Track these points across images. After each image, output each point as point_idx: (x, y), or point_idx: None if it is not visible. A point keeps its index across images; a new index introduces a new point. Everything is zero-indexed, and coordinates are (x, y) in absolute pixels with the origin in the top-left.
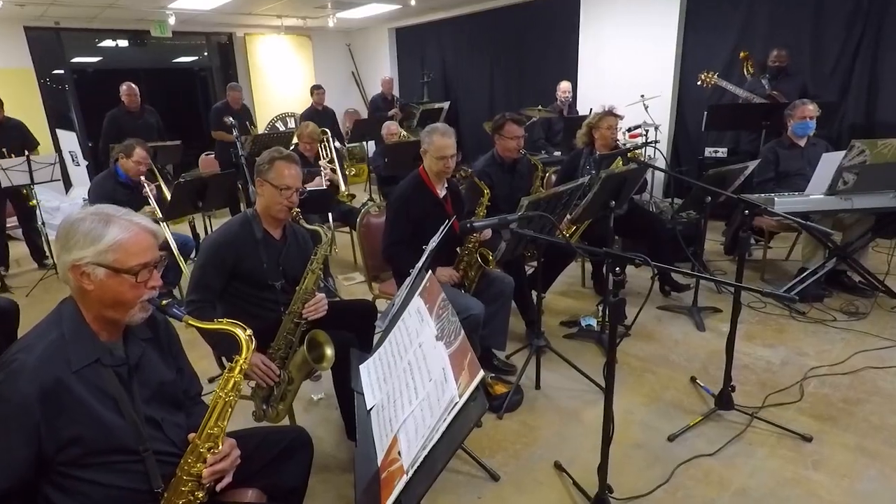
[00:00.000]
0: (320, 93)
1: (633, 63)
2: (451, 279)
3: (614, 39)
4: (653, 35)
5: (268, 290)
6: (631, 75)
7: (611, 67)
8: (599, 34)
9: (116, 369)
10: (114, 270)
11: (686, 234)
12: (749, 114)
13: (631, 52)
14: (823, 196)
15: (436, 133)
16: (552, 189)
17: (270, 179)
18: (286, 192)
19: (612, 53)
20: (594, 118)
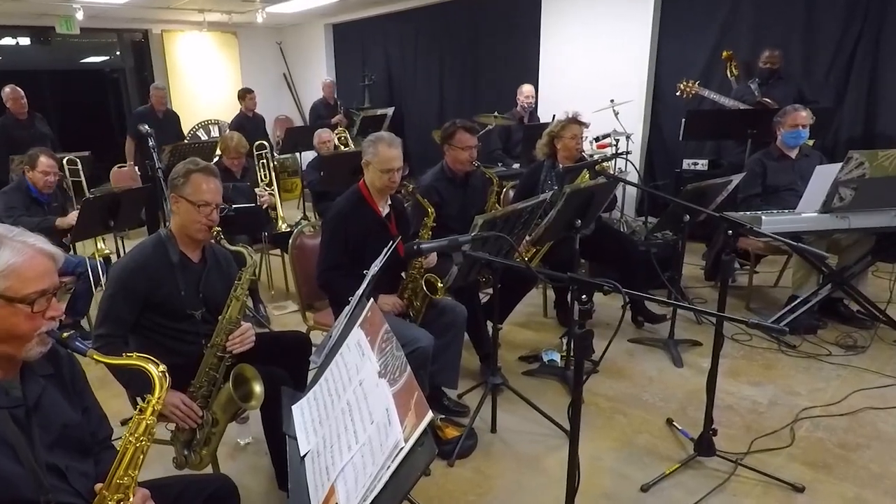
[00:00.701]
0: (251, 97)
1: (602, 64)
2: (395, 308)
3: (580, 37)
4: (623, 32)
5: (186, 321)
6: (599, 78)
7: (576, 69)
8: (563, 31)
9: (12, 411)
10: (6, 300)
11: (661, 257)
12: (733, 121)
13: (599, 52)
14: (817, 214)
15: (381, 143)
16: (510, 206)
17: (186, 195)
18: (205, 209)
19: (577, 53)
20: (556, 126)
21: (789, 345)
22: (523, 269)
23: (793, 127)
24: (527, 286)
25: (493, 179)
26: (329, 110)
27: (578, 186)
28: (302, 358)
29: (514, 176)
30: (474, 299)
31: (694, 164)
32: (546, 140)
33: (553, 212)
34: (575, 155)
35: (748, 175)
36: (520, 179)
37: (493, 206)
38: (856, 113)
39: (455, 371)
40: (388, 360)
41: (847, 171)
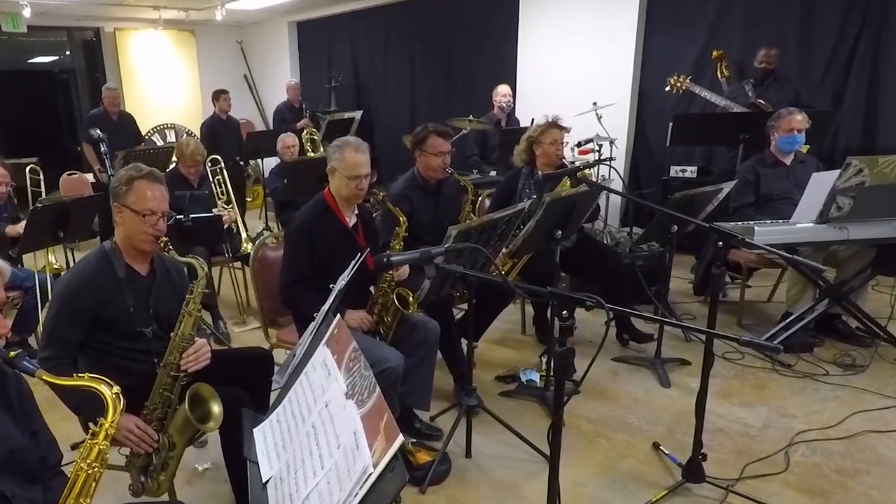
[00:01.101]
0: (226, 99)
1: (584, 64)
2: (363, 324)
3: (561, 36)
4: (607, 30)
5: (137, 339)
6: (581, 79)
7: (556, 70)
8: (543, 29)
9: None
10: None
11: (647, 270)
12: (723, 125)
13: (581, 51)
14: (813, 224)
15: (347, 148)
16: (486, 216)
17: (130, 204)
18: (150, 218)
19: (558, 52)
20: (535, 131)
21: (784, 364)
22: (500, 283)
23: (788, 131)
24: (504, 301)
25: (467, 187)
26: (294, 114)
27: (559, 195)
28: (264, 378)
29: (491, 184)
30: (448, 315)
31: (682, 172)
32: (524, 146)
33: (532, 222)
34: (555, 161)
35: (740, 183)
36: (496, 187)
37: (468, 215)
38: (855, 116)
39: (427, 392)
40: (355, 381)
41: (845, 179)
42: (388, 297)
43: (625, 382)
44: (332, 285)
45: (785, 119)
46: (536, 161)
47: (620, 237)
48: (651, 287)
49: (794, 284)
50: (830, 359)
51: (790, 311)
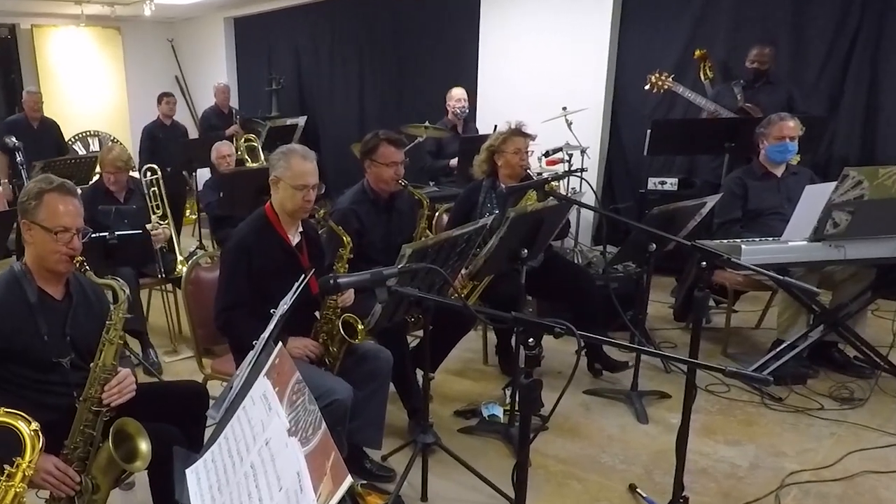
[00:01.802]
0: (170, 102)
1: (552, 65)
2: (308, 353)
3: (526, 33)
4: (578, 27)
5: (53, 370)
6: (549, 82)
7: (522, 71)
8: (506, 26)
9: None
10: None
11: (623, 293)
12: (707, 132)
13: (549, 51)
14: (806, 243)
15: (293, 155)
16: (443, 233)
17: (40, 220)
18: (63, 236)
19: (523, 52)
20: (496, 139)
21: (774, 397)
22: (459, 307)
23: (779, 139)
24: (463, 328)
25: (423, 201)
26: (223, 120)
27: (524, 210)
28: (197, 412)
29: (449, 197)
30: (401, 343)
31: (661, 184)
32: (485, 156)
33: (494, 240)
34: (519, 173)
35: (726, 196)
36: (455, 202)
37: (424, 232)
38: (852, 123)
39: (378, 428)
40: (299, 416)
41: (842, 192)
42: (334, 324)
43: (598, 418)
44: (274, 310)
45: (776, 125)
46: (499, 172)
47: (593, 257)
48: (627, 312)
49: (785, 309)
50: (826, 391)
51: (781, 338)
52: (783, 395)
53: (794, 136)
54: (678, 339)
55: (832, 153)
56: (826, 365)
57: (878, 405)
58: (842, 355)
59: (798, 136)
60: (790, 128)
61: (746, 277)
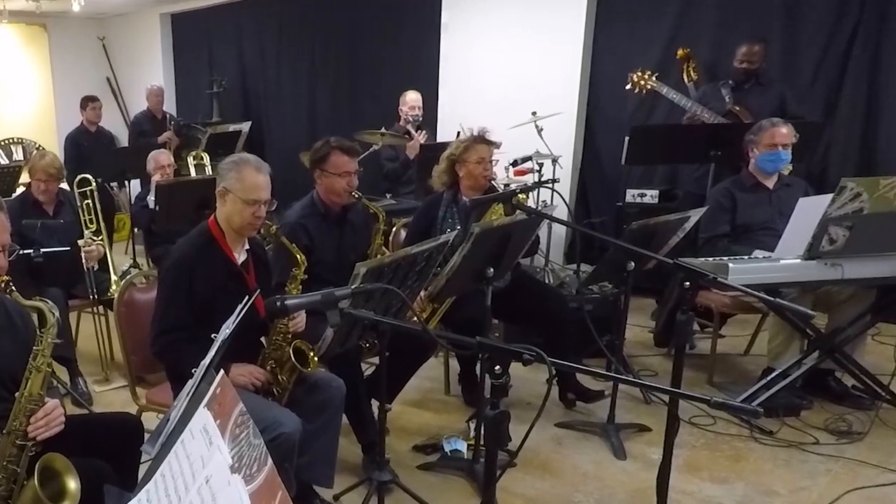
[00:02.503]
0: (96, 107)
1: (521, 66)
2: (253, 381)
3: (492, 31)
4: (549, 25)
5: None
6: (517, 84)
7: (487, 73)
8: (470, 24)
9: None
10: None
11: (598, 316)
12: (691, 138)
13: (517, 51)
14: (800, 261)
15: (245, 166)
16: (401, 250)
17: None
18: None
19: (488, 52)
20: (457, 148)
21: (764, 430)
22: (419, 332)
23: (770, 147)
24: (423, 354)
25: (378, 215)
26: (155, 125)
27: (490, 225)
28: (131, 447)
29: (407, 210)
30: (355, 372)
31: (640, 196)
32: (445, 166)
33: (457, 258)
34: (482, 184)
35: (712, 209)
36: (413, 216)
37: (380, 249)
38: (851, 128)
39: (330, 465)
40: (242, 451)
41: (840, 205)
42: (283, 350)
43: (571, 453)
44: (216, 335)
45: (767, 132)
46: (460, 184)
47: (565, 276)
48: (603, 337)
49: (776, 334)
50: (821, 424)
51: (772, 365)
52: (774, 429)
53: (787, 143)
54: (659, 366)
55: (828, 162)
56: (821, 395)
57: (879, 439)
58: (839, 384)
59: (792, 143)
60: (783, 134)
61: (734, 299)
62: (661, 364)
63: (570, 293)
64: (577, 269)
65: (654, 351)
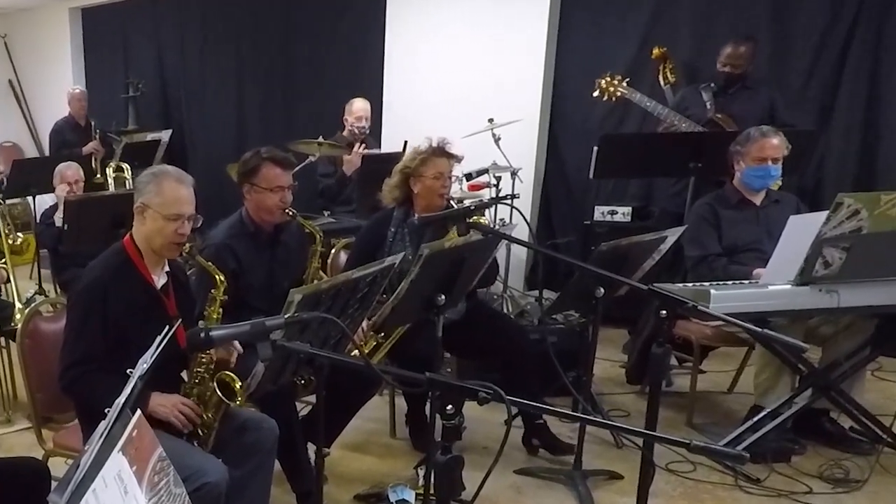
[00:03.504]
0: None
1: (476, 68)
2: (176, 413)
3: (443, 29)
4: (508, 22)
5: None
6: (472, 88)
7: (437, 75)
8: (418, 21)
9: None
10: None
11: (564, 349)
12: (668, 149)
13: (472, 51)
14: (791, 287)
15: (166, 178)
16: (341, 275)
17: None
18: None
19: (439, 52)
20: (413, 159)
21: (751, 478)
22: (361, 367)
23: (759, 160)
24: (366, 392)
25: (315, 235)
26: (79, 134)
27: (441, 246)
28: (36, 496)
29: (349, 230)
30: (289, 411)
31: (611, 214)
32: (398, 179)
33: (404, 283)
34: (438, 203)
35: (696, 226)
36: (357, 235)
37: (317, 273)
38: (848, 138)
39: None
40: (162, 500)
41: (835, 224)
42: (207, 385)
43: (532, 503)
44: (132, 370)
45: (755, 143)
46: (414, 201)
47: (526, 304)
48: (568, 373)
49: (764, 369)
50: (815, 471)
51: (760, 404)
52: (762, 476)
53: (777, 156)
54: (632, 405)
55: (823, 175)
56: (815, 438)
57: (880, 487)
58: (835, 426)
59: (783, 155)
60: (773, 146)
61: (716, 330)
62: (635, 403)
63: (532, 323)
64: (540, 297)
65: (626, 388)
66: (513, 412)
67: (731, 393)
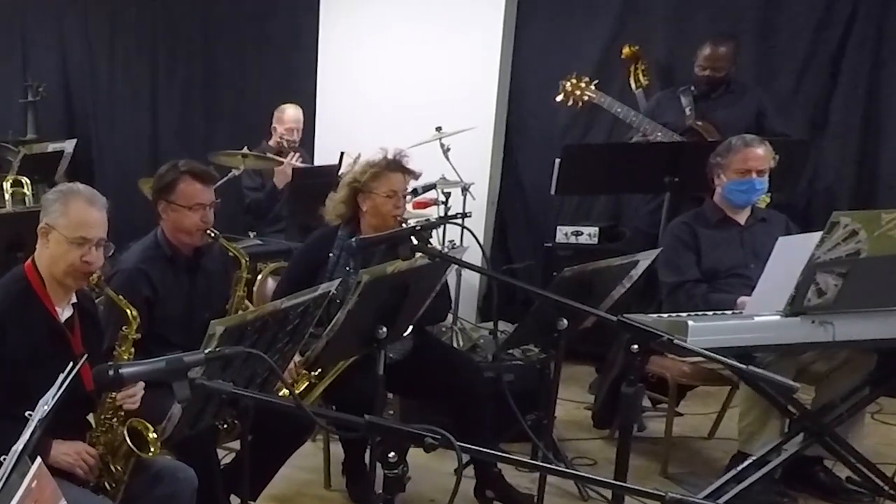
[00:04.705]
0: None
1: (422, 71)
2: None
3: (385, 28)
4: (458, 19)
5: None
6: (417, 93)
7: (378, 79)
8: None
9: None
10: None
11: (522, 389)
12: (640, 161)
13: (417, 51)
14: (780, 318)
15: (74, 198)
16: (270, 304)
17: None
18: None
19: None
20: (364, 173)
21: None
22: (291, 409)
23: (742, 173)
24: (297, 438)
25: (240, 259)
26: None
27: (383, 272)
28: None
29: (277, 254)
30: (210, 459)
31: (576, 235)
32: (345, 194)
33: (341, 314)
34: (390, 224)
35: (672, 249)
36: (294, 256)
37: (241, 303)
38: (844, 148)
39: None
40: None
41: (830, 246)
42: (116, 432)
43: None
44: (31, 412)
45: (738, 153)
46: (361, 219)
47: (479, 338)
48: (527, 415)
49: (749, 411)
50: None
51: (744, 451)
52: None
53: (763, 168)
54: (599, 452)
55: (816, 191)
56: (807, 489)
57: None
58: (830, 476)
59: (770, 167)
60: (758, 157)
61: (695, 366)
62: (602, 450)
63: (486, 359)
64: (494, 329)
65: (592, 433)
66: (464, 460)
67: (711, 438)
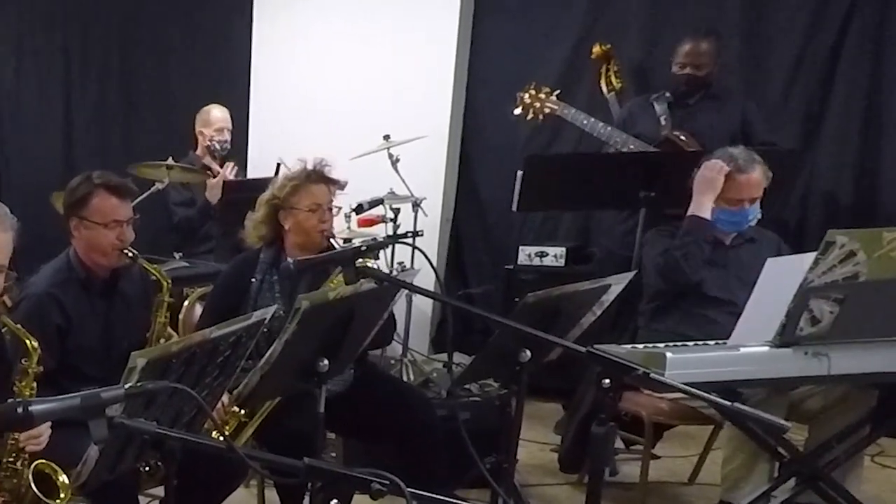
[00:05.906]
0: None
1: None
2: None
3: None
4: (409, 17)
5: None
6: (363, 98)
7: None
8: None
9: None
10: None
11: (480, 428)
12: (612, 173)
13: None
14: (769, 349)
15: None
16: (196, 333)
17: None
18: None
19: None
20: (282, 188)
21: None
22: (222, 450)
23: (735, 202)
24: (228, 483)
25: (162, 283)
26: None
27: (324, 298)
28: None
29: (204, 277)
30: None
31: (540, 256)
32: (264, 213)
33: (277, 344)
34: (317, 242)
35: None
36: (216, 284)
37: (164, 331)
38: (841, 159)
39: None
40: None
41: (825, 269)
42: (21, 478)
43: None
44: None
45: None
46: (285, 239)
47: (432, 371)
48: (486, 458)
49: (734, 453)
50: None
51: (728, 500)
52: None
53: (757, 196)
54: (566, 499)
55: (809, 207)
56: None
57: None
58: None
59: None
60: (754, 184)
61: (674, 403)
62: (570, 497)
63: (439, 395)
64: (449, 361)
65: (559, 478)
66: None
67: (692, 484)
